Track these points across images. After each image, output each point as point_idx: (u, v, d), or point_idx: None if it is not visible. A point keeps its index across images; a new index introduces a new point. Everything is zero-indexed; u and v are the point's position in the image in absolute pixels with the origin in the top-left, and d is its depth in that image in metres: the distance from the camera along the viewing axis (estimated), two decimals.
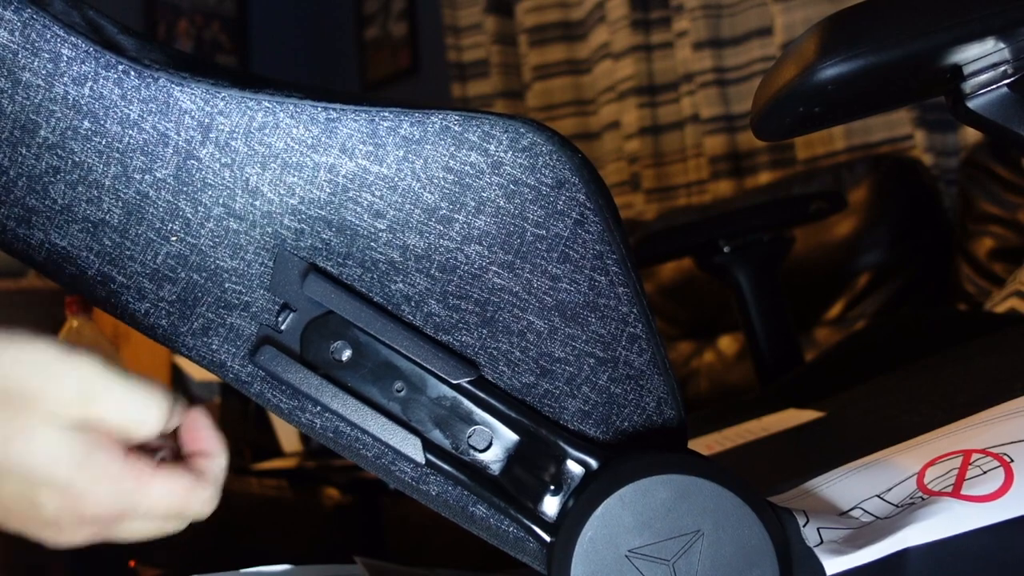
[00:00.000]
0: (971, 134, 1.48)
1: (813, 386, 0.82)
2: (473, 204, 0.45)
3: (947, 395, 0.59)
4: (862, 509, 0.45)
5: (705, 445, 0.74)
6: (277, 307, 0.46)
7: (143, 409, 0.39)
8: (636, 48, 1.91)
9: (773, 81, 0.44)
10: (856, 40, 0.42)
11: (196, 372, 1.61)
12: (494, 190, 0.45)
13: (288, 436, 1.58)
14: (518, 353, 0.47)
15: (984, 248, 1.33)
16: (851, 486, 0.47)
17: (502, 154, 0.45)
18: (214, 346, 0.47)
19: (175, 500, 0.40)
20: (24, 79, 0.44)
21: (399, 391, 0.47)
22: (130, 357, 1.49)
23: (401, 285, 0.46)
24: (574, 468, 0.46)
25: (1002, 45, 0.42)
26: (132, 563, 0.96)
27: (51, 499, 0.38)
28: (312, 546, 1.34)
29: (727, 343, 1.60)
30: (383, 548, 1.26)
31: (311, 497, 1.36)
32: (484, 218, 0.46)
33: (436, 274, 0.46)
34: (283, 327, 0.46)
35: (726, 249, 0.99)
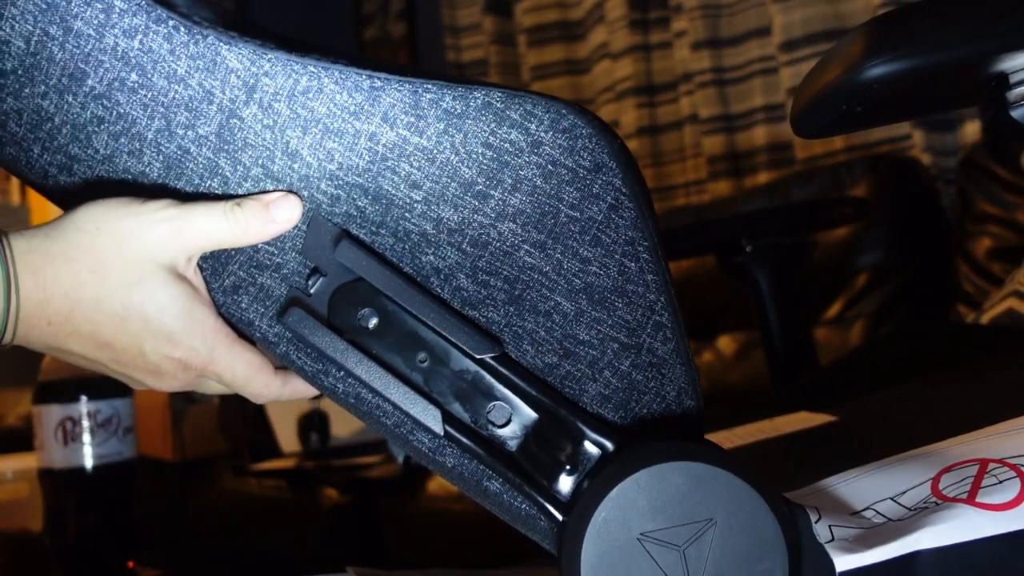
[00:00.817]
0: (970, 133, 1.46)
1: (827, 391, 0.82)
2: (510, 181, 0.46)
3: (964, 406, 0.59)
4: (875, 510, 0.45)
5: (716, 441, 0.74)
6: (308, 271, 0.47)
7: (225, 221, 0.45)
8: (635, 48, 1.91)
9: (818, 78, 0.44)
10: (903, 41, 0.42)
11: None
12: (532, 169, 0.45)
13: (287, 436, 1.58)
14: (543, 333, 0.47)
15: (983, 248, 1.32)
16: (865, 487, 0.47)
17: (542, 134, 0.45)
18: (243, 304, 0.47)
19: (243, 371, 0.46)
20: (76, 27, 0.44)
21: (422, 362, 0.47)
22: None
23: (432, 257, 0.47)
24: (591, 449, 0.47)
25: None
26: (131, 563, 0.97)
27: (156, 347, 0.44)
28: (310, 546, 1.34)
29: (726, 343, 1.60)
30: (381, 548, 1.26)
31: (310, 497, 1.36)
32: (520, 196, 0.46)
33: (468, 249, 0.46)
34: (312, 291, 0.47)
35: (748, 249, 0.99)
